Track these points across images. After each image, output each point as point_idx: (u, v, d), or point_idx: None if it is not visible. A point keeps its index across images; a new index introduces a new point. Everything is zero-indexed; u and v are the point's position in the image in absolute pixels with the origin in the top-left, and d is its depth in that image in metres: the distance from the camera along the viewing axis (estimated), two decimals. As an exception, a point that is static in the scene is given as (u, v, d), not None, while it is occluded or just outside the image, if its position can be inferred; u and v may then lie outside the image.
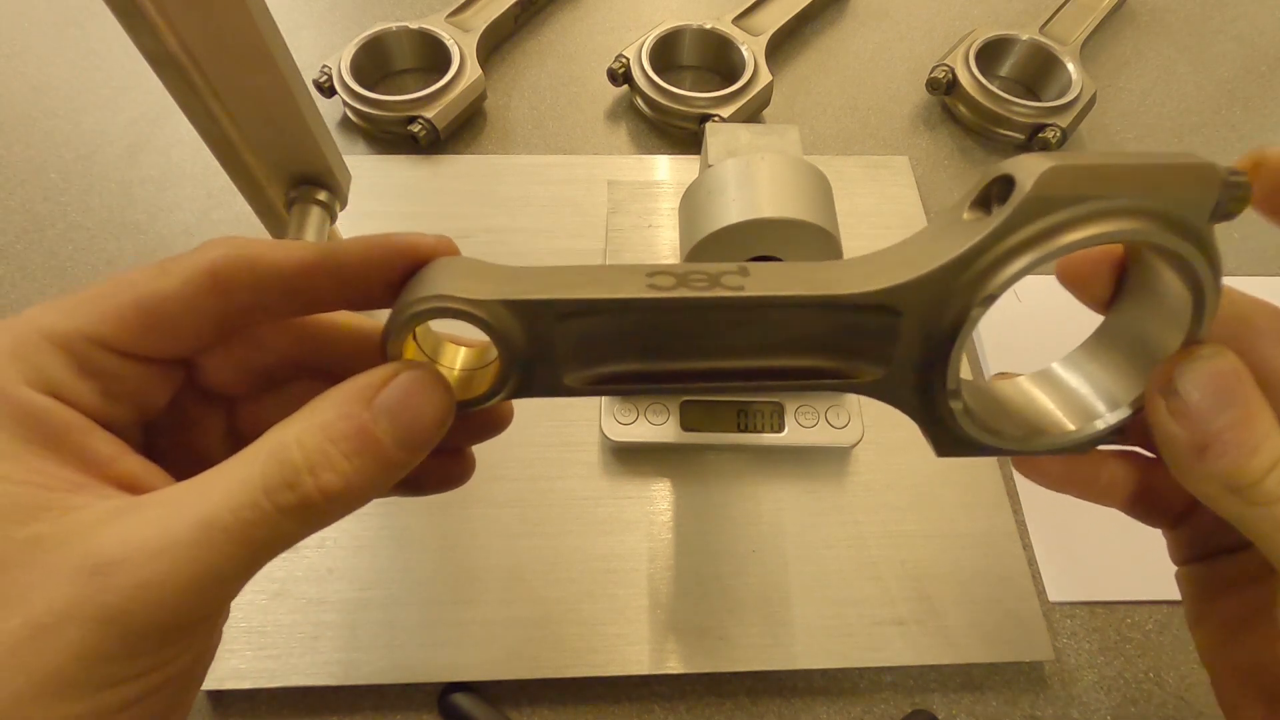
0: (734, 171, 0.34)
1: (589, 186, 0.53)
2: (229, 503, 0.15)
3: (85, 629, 0.14)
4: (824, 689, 0.38)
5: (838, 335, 0.18)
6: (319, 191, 0.38)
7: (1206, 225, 0.17)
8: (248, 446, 0.16)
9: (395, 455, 0.16)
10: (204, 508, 0.15)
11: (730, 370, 0.19)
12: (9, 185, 0.53)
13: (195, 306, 0.17)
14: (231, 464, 0.16)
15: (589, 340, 0.18)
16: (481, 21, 0.59)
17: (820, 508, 0.42)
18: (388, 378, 0.17)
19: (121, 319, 0.16)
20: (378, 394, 0.16)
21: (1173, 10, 0.70)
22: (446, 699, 0.37)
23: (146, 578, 0.14)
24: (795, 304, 0.17)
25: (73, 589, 0.14)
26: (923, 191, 0.55)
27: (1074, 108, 0.57)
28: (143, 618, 0.14)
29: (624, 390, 0.19)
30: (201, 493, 0.15)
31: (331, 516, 0.16)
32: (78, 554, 0.14)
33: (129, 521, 0.15)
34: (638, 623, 0.38)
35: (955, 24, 0.68)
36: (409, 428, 0.16)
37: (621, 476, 0.43)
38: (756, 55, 0.58)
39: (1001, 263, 0.17)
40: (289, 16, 0.64)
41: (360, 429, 0.16)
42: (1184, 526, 0.23)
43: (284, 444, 0.16)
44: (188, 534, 0.14)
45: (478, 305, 0.17)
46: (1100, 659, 0.40)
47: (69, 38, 0.61)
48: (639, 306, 0.17)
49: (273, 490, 0.15)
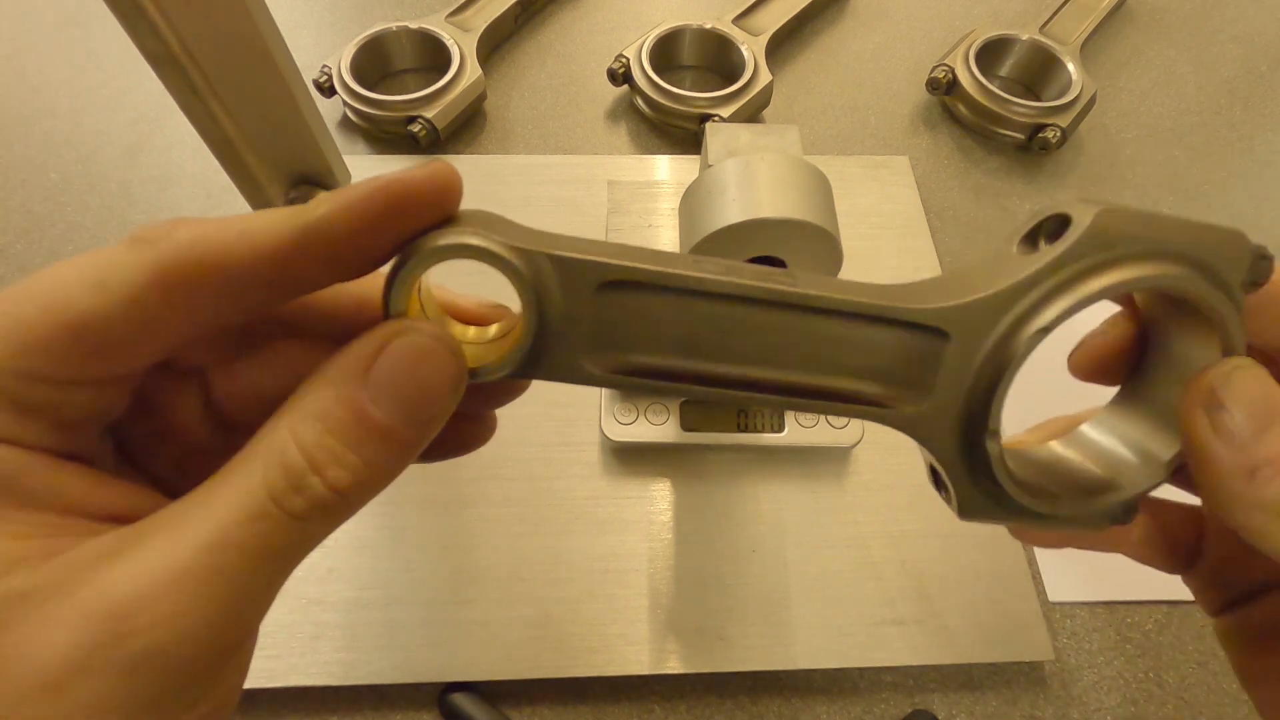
0: (734, 171, 0.34)
1: (589, 186, 0.53)
2: (237, 516, 0.13)
3: (107, 682, 0.12)
4: (824, 689, 0.38)
5: (880, 356, 0.18)
6: (319, 191, 0.38)
7: (1239, 287, 0.17)
8: (242, 450, 0.14)
9: (404, 435, 0.14)
10: (211, 526, 0.13)
11: (765, 381, 0.18)
12: (9, 185, 0.53)
13: (144, 325, 0.14)
14: (229, 472, 0.14)
15: (625, 321, 0.17)
16: (481, 21, 0.59)
17: (820, 508, 0.42)
18: (380, 346, 0.14)
19: (50, 350, 0.13)
20: (372, 365, 0.14)
21: (1173, 10, 0.70)
22: (446, 699, 0.37)
23: (167, 614, 0.13)
24: (847, 310, 0.17)
25: (84, 638, 0.12)
26: (923, 191, 0.55)
27: (1074, 108, 0.57)
28: (171, 659, 0.13)
29: (647, 386, 0.18)
30: (204, 510, 0.14)
31: (351, 509, 0.14)
32: (81, 600, 0.12)
33: (131, 556, 0.13)
34: (638, 623, 0.38)
35: (955, 24, 0.68)
36: (415, 402, 0.14)
37: (621, 476, 0.43)
38: (756, 55, 0.58)
39: (1054, 296, 0.17)
40: (289, 16, 0.64)
41: (359, 414, 0.14)
42: (1200, 567, 0.21)
43: (282, 442, 0.14)
44: (201, 558, 0.13)
45: (517, 253, 0.15)
46: (1100, 659, 0.40)
47: (69, 38, 0.61)
48: (694, 288, 0.16)
49: (279, 496, 0.13)
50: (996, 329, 0.17)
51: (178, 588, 0.13)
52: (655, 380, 0.17)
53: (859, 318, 0.17)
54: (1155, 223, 0.16)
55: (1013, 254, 0.17)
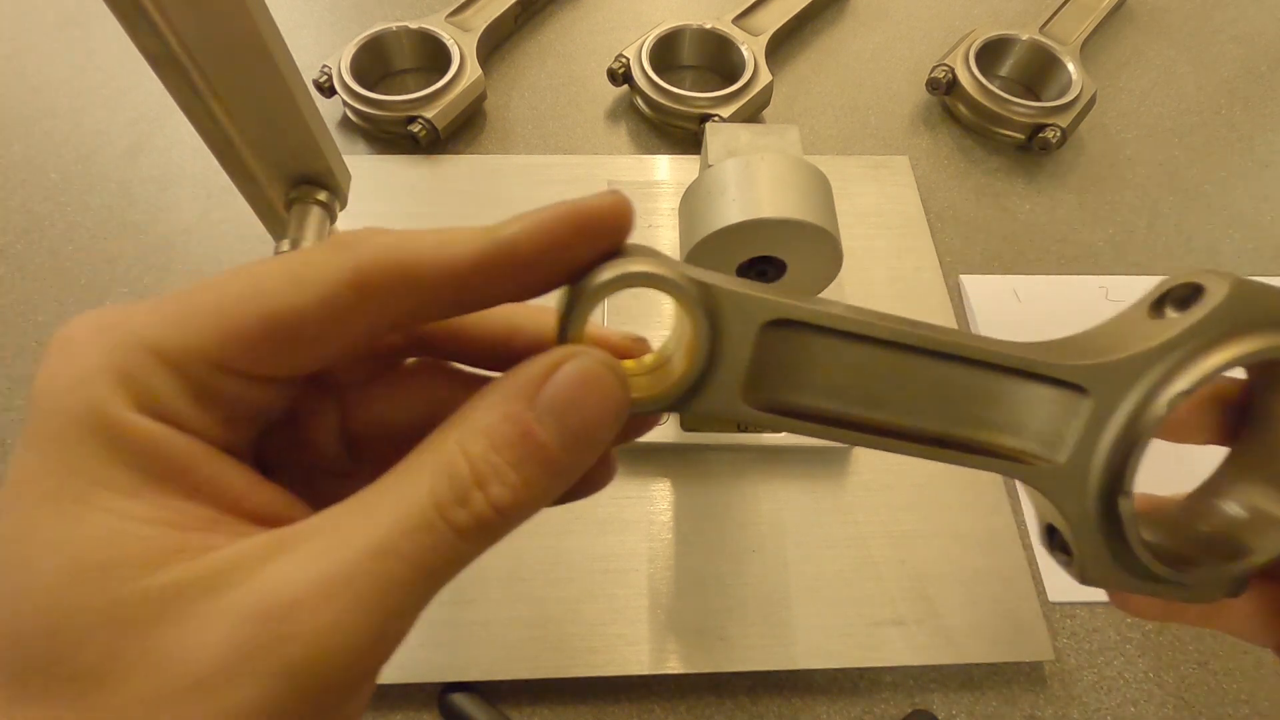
0: (734, 171, 0.34)
1: (589, 186, 0.53)
2: (401, 526, 0.13)
3: (259, 687, 0.12)
4: (824, 689, 0.38)
5: (1024, 412, 0.18)
6: (319, 191, 0.38)
7: None
8: (404, 461, 0.14)
9: (563, 460, 0.14)
10: (374, 534, 0.13)
11: (914, 431, 0.18)
12: (9, 185, 0.53)
13: (336, 323, 0.14)
14: (392, 481, 0.14)
15: (784, 361, 0.17)
16: (481, 21, 0.59)
17: (820, 508, 0.42)
18: (551, 368, 0.14)
19: (246, 339, 0.14)
20: (540, 389, 0.14)
21: (1173, 10, 0.70)
22: (446, 699, 0.37)
23: (329, 621, 0.12)
24: (999, 362, 0.18)
25: (241, 637, 0.12)
26: (923, 191, 0.55)
27: (1074, 108, 0.57)
28: (329, 668, 0.12)
29: (795, 426, 0.18)
30: (366, 518, 0.13)
31: (503, 532, 0.14)
32: (237, 599, 0.12)
33: (290, 559, 0.13)
34: (638, 623, 0.38)
35: (955, 24, 0.68)
36: (578, 428, 0.14)
37: (621, 476, 0.43)
38: (756, 55, 0.58)
39: (1191, 360, 0.17)
40: (289, 16, 0.64)
41: (525, 432, 0.14)
42: None
43: (450, 454, 0.14)
44: (364, 565, 0.13)
45: (696, 285, 0.16)
46: (1100, 659, 0.40)
47: (69, 38, 0.61)
48: (861, 333, 0.17)
49: (445, 508, 0.13)
50: (1136, 390, 0.18)
51: (339, 595, 0.12)
52: (804, 421, 0.18)
53: (1008, 371, 0.18)
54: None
55: (1143, 319, 0.18)
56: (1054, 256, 0.54)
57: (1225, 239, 0.55)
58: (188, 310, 0.14)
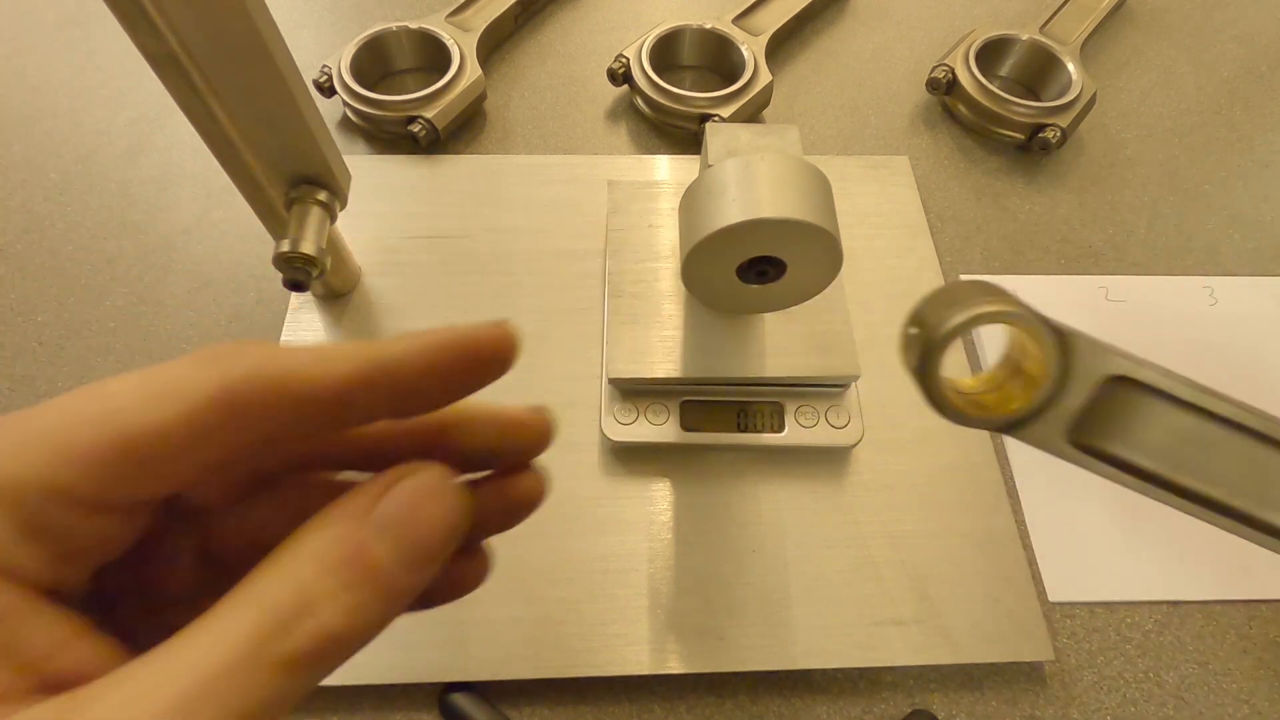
0: (734, 171, 0.34)
1: (589, 186, 0.53)
2: (214, 668, 0.12)
3: None
4: (824, 689, 0.38)
5: None
6: (319, 191, 0.38)
7: None
8: (229, 593, 0.13)
9: (400, 578, 0.14)
10: (179, 683, 0.11)
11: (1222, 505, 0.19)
12: (9, 185, 0.53)
13: (199, 442, 0.13)
14: (210, 618, 0.12)
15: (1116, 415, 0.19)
16: (481, 21, 0.59)
17: (820, 508, 0.42)
18: (386, 486, 0.14)
19: (93, 462, 0.12)
20: (376, 504, 0.14)
21: (1173, 10, 0.70)
22: (446, 699, 0.37)
23: None
24: None
25: None
26: (923, 191, 0.55)
27: (1074, 108, 0.57)
28: None
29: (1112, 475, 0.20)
30: (174, 664, 0.12)
31: (336, 663, 0.13)
32: None
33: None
34: (638, 623, 0.38)
35: (955, 24, 0.68)
36: (415, 543, 0.14)
37: (621, 476, 0.43)
38: (756, 55, 0.58)
39: None
40: (289, 16, 0.64)
41: (358, 551, 0.13)
42: None
43: (275, 580, 0.13)
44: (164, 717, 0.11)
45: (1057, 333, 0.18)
46: (1100, 659, 0.40)
47: (69, 38, 0.61)
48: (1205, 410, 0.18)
49: (268, 640, 0.12)
50: None
51: None
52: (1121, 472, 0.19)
53: None
54: None
55: None
56: (1054, 256, 0.54)
57: (1225, 239, 0.55)
58: (23, 434, 0.12)
